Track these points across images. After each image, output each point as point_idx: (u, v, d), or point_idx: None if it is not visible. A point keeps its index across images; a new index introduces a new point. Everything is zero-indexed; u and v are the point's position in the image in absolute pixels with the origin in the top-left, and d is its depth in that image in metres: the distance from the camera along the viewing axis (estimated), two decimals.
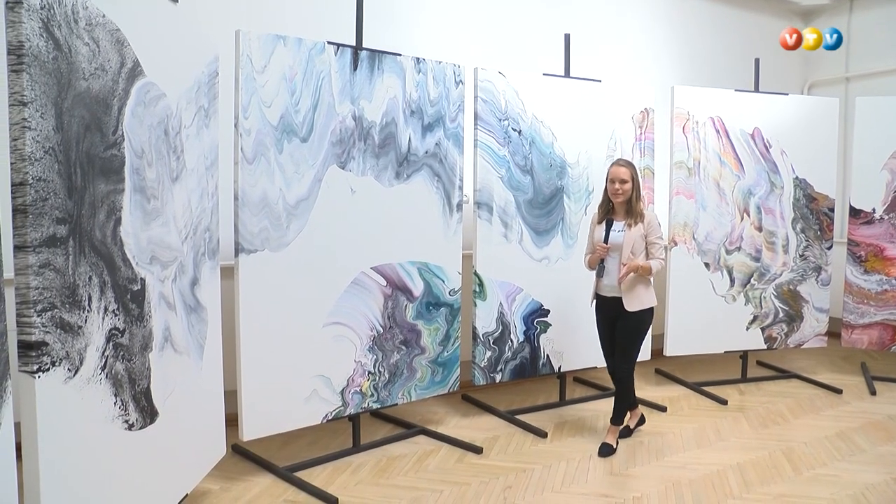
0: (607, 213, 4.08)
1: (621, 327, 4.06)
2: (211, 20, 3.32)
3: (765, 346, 5.46)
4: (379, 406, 4.07)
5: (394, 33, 4.74)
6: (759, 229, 5.34)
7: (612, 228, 4.01)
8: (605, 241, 4.00)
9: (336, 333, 3.82)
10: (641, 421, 4.40)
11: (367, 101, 3.84)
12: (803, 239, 5.44)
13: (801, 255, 5.45)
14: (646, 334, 4.16)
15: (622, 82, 5.22)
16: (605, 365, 5.03)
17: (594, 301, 4.17)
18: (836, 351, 6.18)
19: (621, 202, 4.01)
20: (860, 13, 6.71)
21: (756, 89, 5.41)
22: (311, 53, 3.61)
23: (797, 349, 5.74)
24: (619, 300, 3.99)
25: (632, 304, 3.97)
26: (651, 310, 4.06)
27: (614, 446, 4.08)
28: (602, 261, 4.03)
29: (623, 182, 3.95)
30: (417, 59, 4.04)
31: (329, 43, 3.68)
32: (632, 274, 3.92)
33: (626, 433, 4.28)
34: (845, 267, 5.49)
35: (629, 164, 4.01)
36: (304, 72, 3.59)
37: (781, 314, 5.45)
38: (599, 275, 4.06)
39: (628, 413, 4.28)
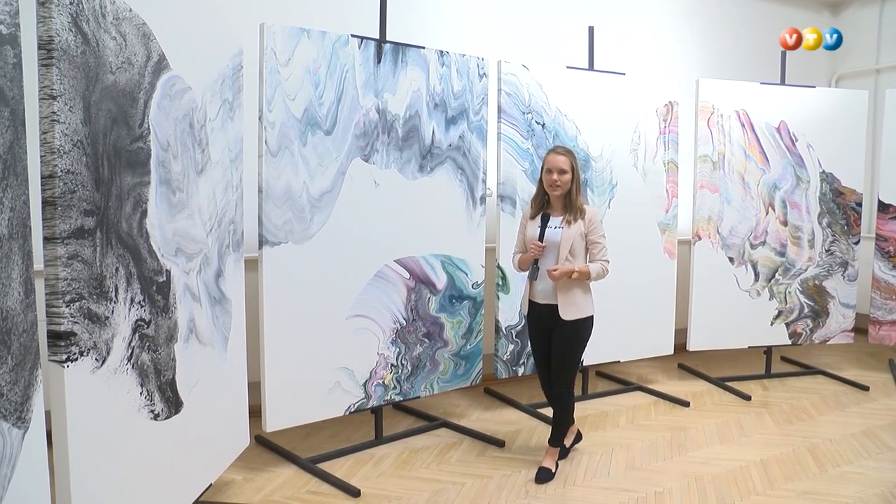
0: (542, 207, 3.62)
1: (557, 338, 3.58)
2: (235, 13, 3.33)
3: (789, 342, 5.41)
4: (401, 398, 4.09)
5: (417, 26, 4.74)
6: (785, 224, 5.28)
7: (549, 225, 3.55)
8: (541, 238, 3.52)
9: (359, 326, 3.83)
10: (578, 438, 3.99)
11: (391, 94, 3.85)
12: (829, 234, 5.38)
13: (827, 251, 5.39)
14: (585, 346, 3.66)
15: (646, 75, 5.18)
16: (628, 359, 5.05)
17: (526, 308, 3.72)
18: (863, 347, 6.11)
19: (559, 195, 3.55)
20: (892, 3, 6.58)
21: (782, 82, 5.34)
22: (335, 46, 3.62)
23: (822, 345, 5.68)
24: (553, 308, 3.55)
25: (568, 312, 3.52)
26: (591, 318, 3.61)
27: (553, 471, 3.66)
28: (535, 262, 3.55)
29: (562, 172, 3.50)
30: (441, 51, 4.04)
31: (353, 36, 3.69)
32: (565, 277, 3.49)
33: (563, 453, 3.84)
34: (873, 262, 5.42)
35: (568, 152, 3.57)
36: (328, 65, 3.60)
37: (807, 309, 5.40)
38: (532, 277, 3.56)
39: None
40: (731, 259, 5.19)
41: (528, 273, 3.60)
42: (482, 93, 4.23)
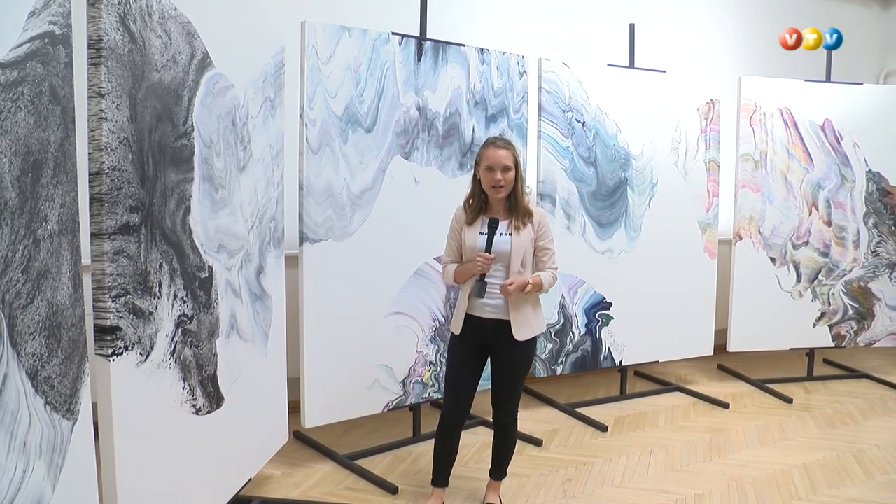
0: (480, 210, 3.05)
1: (507, 360, 3.07)
2: (277, 11, 3.36)
3: (833, 344, 5.30)
4: (439, 396, 4.09)
5: (457, 23, 4.73)
6: (829, 224, 5.18)
7: (497, 231, 2.97)
8: (489, 249, 2.93)
9: (398, 323, 3.84)
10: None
11: (432, 92, 3.85)
12: (875, 234, 5.26)
13: (873, 251, 5.27)
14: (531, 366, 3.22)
15: (688, 73, 5.11)
16: (667, 359, 4.99)
17: (459, 326, 3.08)
18: None
19: (502, 197, 2.99)
20: None
21: (828, 79, 5.24)
22: (376, 44, 3.63)
23: (867, 348, 5.56)
24: (502, 324, 2.99)
25: (522, 332, 2.99)
26: (535, 338, 3.12)
27: None
28: (482, 276, 2.94)
29: (506, 170, 2.92)
30: (481, 49, 4.02)
31: (393, 34, 3.69)
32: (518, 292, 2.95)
33: None
34: None
35: (510, 145, 2.98)
36: (369, 62, 3.61)
37: (851, 311, 5.29)
38: (479, 295, 2.95)
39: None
40: (772, 259, 5.10)
41: (473, 291, 2.97)
42: (522, 91, 4.22)
